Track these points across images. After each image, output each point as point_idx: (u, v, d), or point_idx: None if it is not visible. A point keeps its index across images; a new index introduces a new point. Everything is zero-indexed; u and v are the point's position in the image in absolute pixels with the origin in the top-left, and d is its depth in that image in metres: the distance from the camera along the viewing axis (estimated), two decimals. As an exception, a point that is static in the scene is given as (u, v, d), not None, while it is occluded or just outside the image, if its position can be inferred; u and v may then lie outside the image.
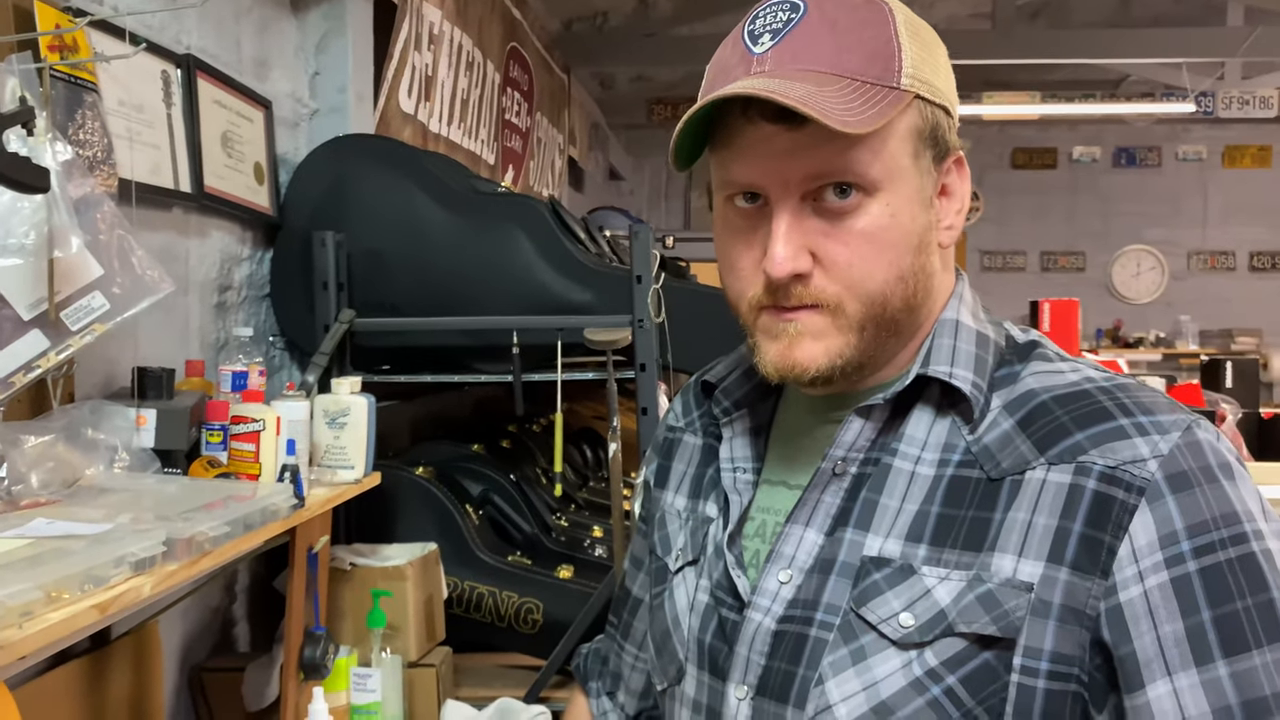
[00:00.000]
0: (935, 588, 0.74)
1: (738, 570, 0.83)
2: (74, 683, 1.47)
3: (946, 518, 0.75)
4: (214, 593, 1.96)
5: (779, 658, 0.78)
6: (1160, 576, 0.70)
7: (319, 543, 1.60)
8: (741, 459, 0.88)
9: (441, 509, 2.10)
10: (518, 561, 2.12)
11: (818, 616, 0.77)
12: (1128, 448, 0.72)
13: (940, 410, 0.79)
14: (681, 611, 0.88)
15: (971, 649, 0.72)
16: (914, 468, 0.78)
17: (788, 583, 0.79)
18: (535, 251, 2.01)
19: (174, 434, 1.44)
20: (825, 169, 0.74)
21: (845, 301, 0.77)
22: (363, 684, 1.66)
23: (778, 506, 0.84)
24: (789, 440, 0.87)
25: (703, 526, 0.89)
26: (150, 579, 1.08)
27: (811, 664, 0.76)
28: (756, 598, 0.80)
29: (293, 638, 1.57)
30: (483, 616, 2.07)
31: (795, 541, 0.80)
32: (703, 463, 0.93)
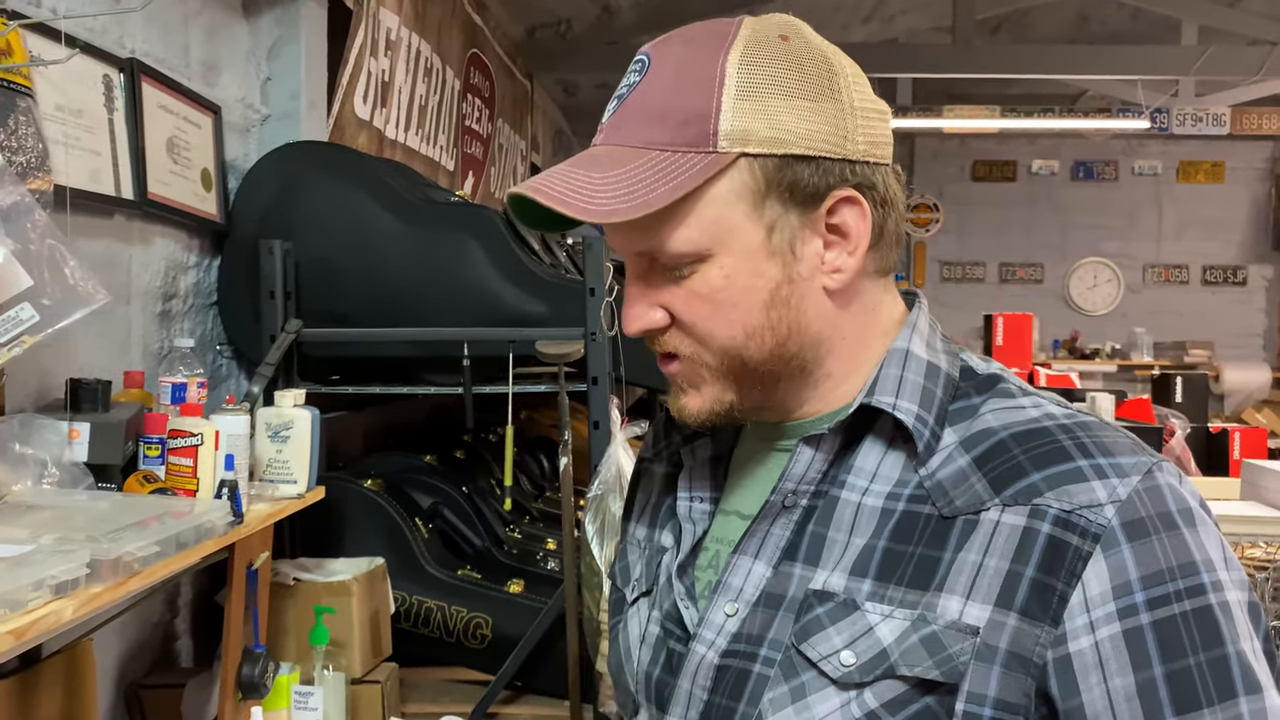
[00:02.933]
0: (878, 625, 0.72)
1: (686, 601, 0.82)
2: (2, 703, 1.42)
3: (894, 553, 0.74)
4: (154, 608, 1.91)
5: (720, 693, 0.76)
6: (1112, 628, 0.68)
7: (259, 559, 1.57)
8: (699, 487, 0.87)
9: (390, 522, 2.07)
10: (467, 575, 2.10)
11: (761, 652, 0.75)
12: (1084, 491, 0.70)
13: (892, 443, 0.78)
14: (633, 643, 0.87)
15: (912, 693, 0.71)
16: (861, 499, 0.76)
17: (733, 615, 0.78)
18: (488, 262, 1.99)
19: (108, 448, 1.40)
20: (638, 247, 0.77)
21: (700, 354, 0.77)
22: (304, 702, 1.62)
23: (730, 537, 0.82)
24: (745, 469, 0.86)
25: (657, 556, 0.88)
26: (72, 602, 1.05)
27: (752, 700, 0.74)
28: (702, 630, 0.79)
29: (230, 656, 1.53)
30: (431, 631, 2.04)
31: (743, 573, 0.79)
32: (663, 491, 0.92)
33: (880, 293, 0.82)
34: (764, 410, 0.81)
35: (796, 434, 0.80)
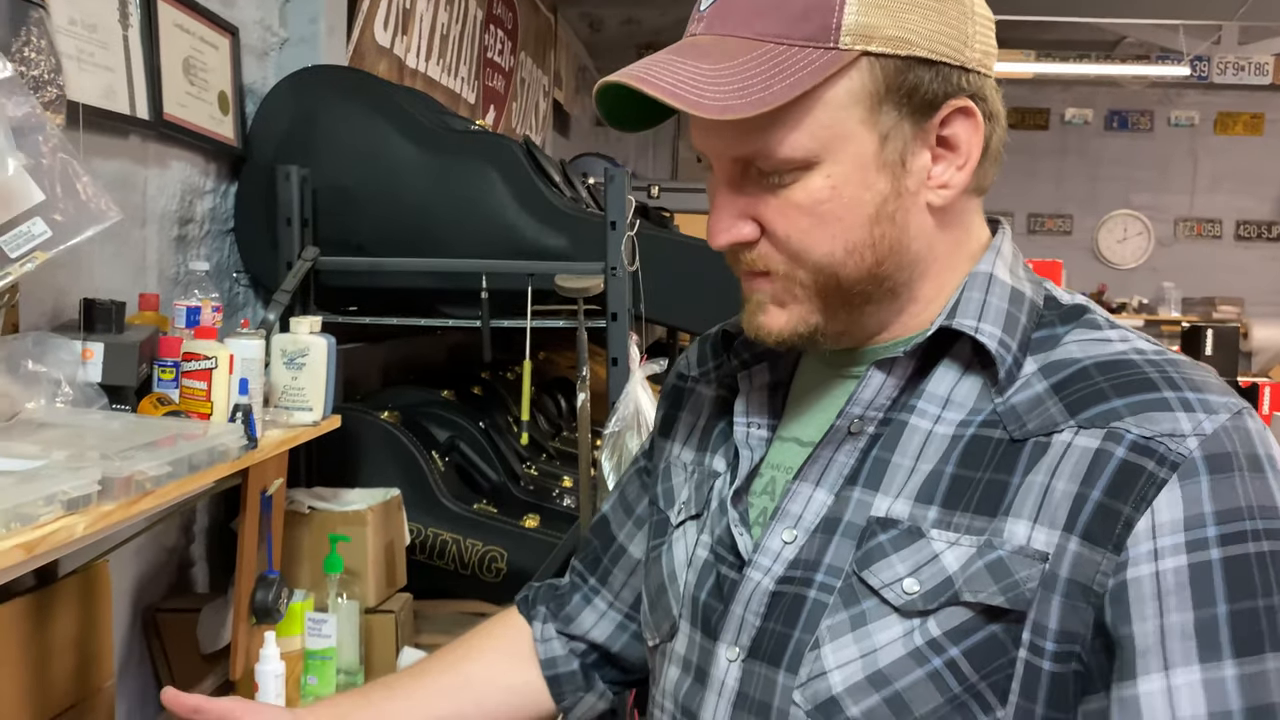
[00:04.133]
0: (943, 553, 0.69)
1: (741, 528, 0.79)
2: (17, 621, 1.43)
3: (961, 479, 0.71)
4: (170, 533, 1.92)
5: (774, 619, 0.74)
6: (1178, 560, 0.64)
7: (273, 485, 1.56)
8: (756, 413, 0.84)
9: (406, 454, 2.06)
10: (483, 509, 2.09)
11: (818, 578, 0.73)
12: (1168, 420, 0.66)
13: (968, 368, 0.74)
14: (679, 566, 0.85)
15: (977, 620, 0.68)
16: (932, 426, 0.73)
17: (791, 543, 0.76)
18: (508, 193, 1.95)
19: (122, 369, 1.39)
20: (738, 150, 0.72)
21: (794, 271, 0.74)
22: (318, 629, 1.63)
23: (789, 464, 0.80)
24: (806, 396, 0.83)
25: (708, 480, 0.86)
26: (84, 519, 1.04)
27: (808, 627, 0.72)
28: (758, 556, 0.77)
29: (244, 581, 1.53)
30: (445, 564, 2.04)
31: (803, 500, 0.76)
32: (714, 415, 0.90)
33: (973, 214, 0.78)
34: (842, 336, 0.78)
35: (867, 360, 0.77)
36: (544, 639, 1.02)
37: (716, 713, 0.77)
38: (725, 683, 0.77)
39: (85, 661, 1.59)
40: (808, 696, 0.71)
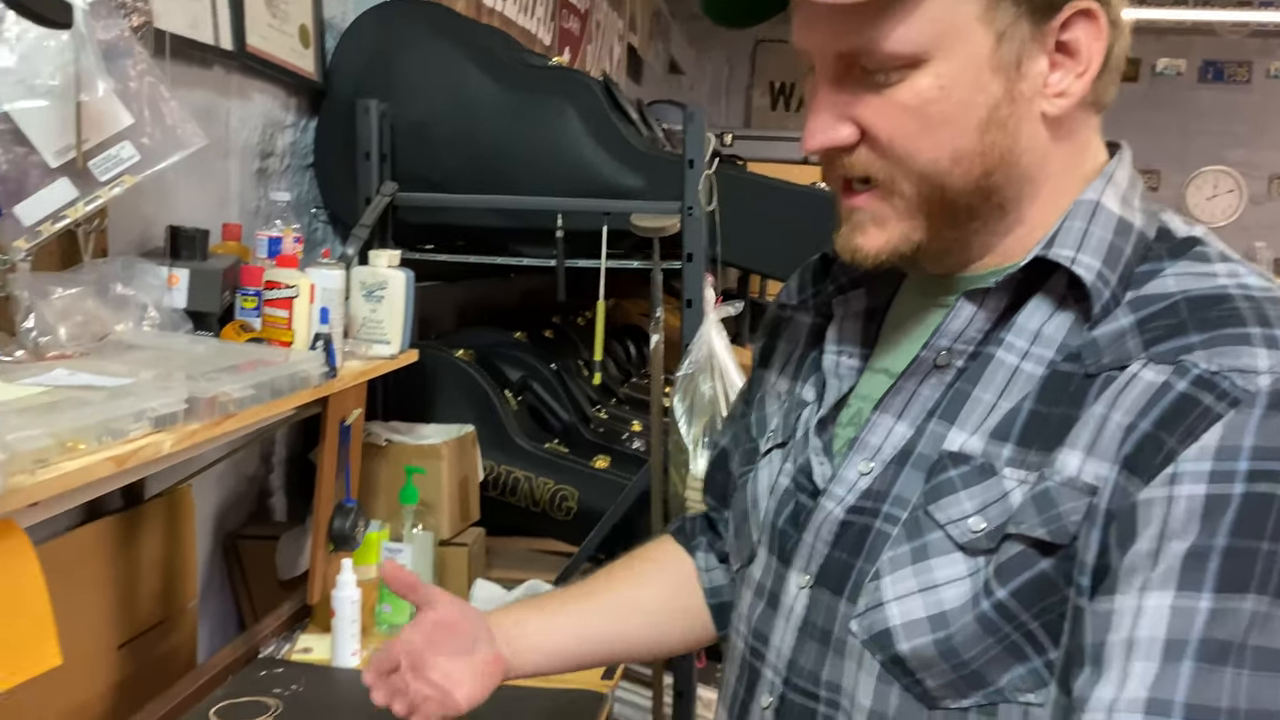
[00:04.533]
0: (1013, 491, 0.66)
1: (821, 457, 0.78)
2: (105, 539, 1.48)
3: (1037, 416, 0.67)
4: (250, 461, 1.96)
5: (841, 548, 0.73)
6: (1196, 488, 0.59)
7: (351, 415, 1.58)
8: (849, 341, 0.82)
9: (480, 392, 2.07)
10: (554, 449, 2.10)
11: (885, 509, 0.72)
12: (1245, 355, 0.61)
13: (1062, 303, 0.70)
14: (761, 494, 0.84)
15: (1027, 556, 0.65)
16: (1019, 362, 0.69)
17: (867, 474, 0.74)
18: (585, 130, 1.92)
19: (206, 295, 1.41)
20: (842, 45, 0.68)
21: (897, 180, 0.70)
22: (393, 558, 1.65)
23: (875, 395, 0.77)
24: (900, 325, 0.80)
25: (797, 410, 0.84)
26: (170, 436, 1.05)
27: (870, 557, 0.71)
28: (833, 486, 0.76)
29: (322, 509, 1.56)
30: (518, 501, 2.06)
31: (883, 432, 0.74)
32: (808, 343, 0.88)
33: (1090, 131, 0.74)
34: (945, 256, 0.74)
35: (961, 289, 0.73)
36: (707, 569, 1.02)
37: (784, 638, 0.77)
38: (794, 609, 0.76)
39: (170, 582, 1.63)
40: (864, 626, 0.70)
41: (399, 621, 1.66)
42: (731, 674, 0.84)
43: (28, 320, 1.18)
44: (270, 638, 1.59)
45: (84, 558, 1.44)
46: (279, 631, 1.61)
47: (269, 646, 1.57)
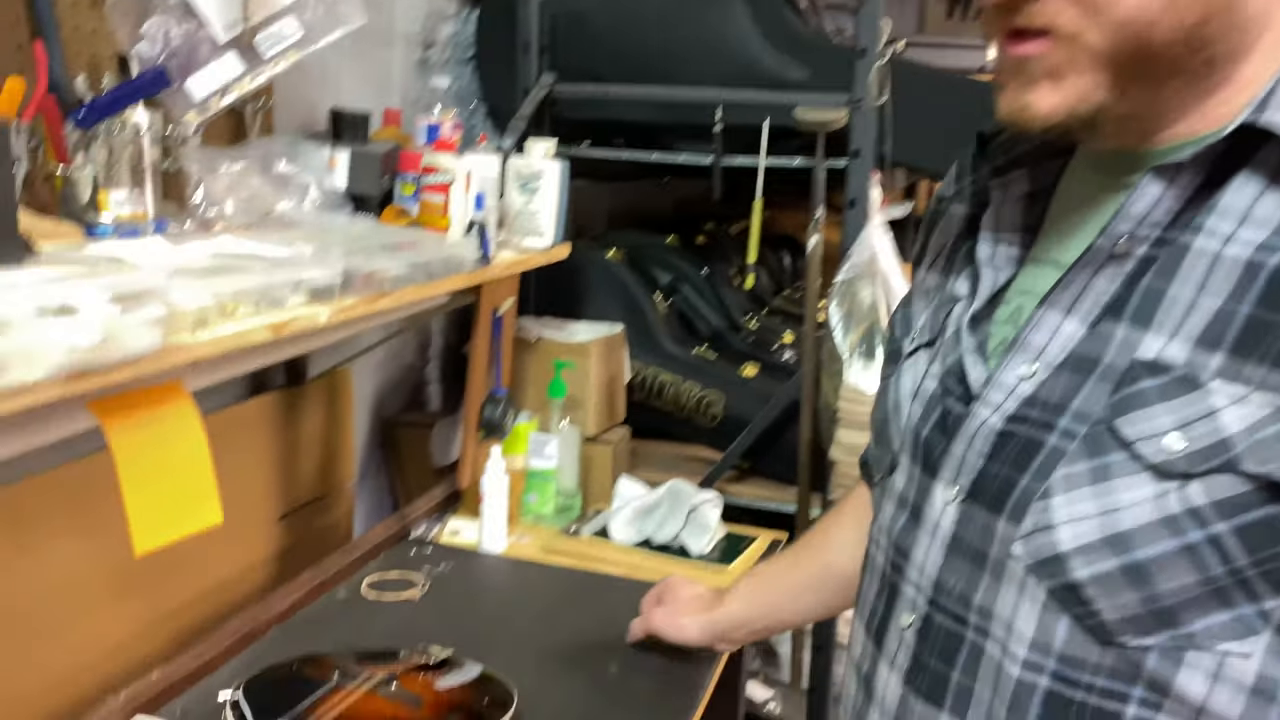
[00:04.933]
0: (1224, 409, 0.57)
1: (974, 358, 0.70)
2: (269, 413, 1.53)
3: (1259, 322, 0.57)
4: (408, 352, 2.01)
5: (1000, 461, 0.66)
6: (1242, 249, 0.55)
7: (504, 305, 1.58)
8: (1007, 228, 0.72)
9: (629, 294, 2.04)
10: (702, 355, 2.06)
11: (1059, 422, 0.63)
12: None
13: (1276, 179, 0.59)
14: (904, 397, 0.77)
15: (1257, 495, 0.56)
16: (1221, 248, 0.59)
17: (1029, 378, 0.66)
18: (750, 17, 1.83)
19: (367, 178, 1.42)
20: None
21: (1084, 31, 0.59)
22: (541, 449, 1.66)
23: (1039, 289, 0.68)
24: (1069, 208, 0.70)
25: (947, 306, 0.76)
26: (327, 309, 1.06)
27: (1039, 475, 0.63)
28: (988, 391, 0.68)
29: (474, 396, 1.57)
30: (664, 404, 2.04)
31: (1048, 331, 0.66)
32: (962, 234, 0.79)
33: None
34: (1129, 124, 0.63)
35: (1148, 164, 0.63)
36: None
37: (929, 554, 0.70)
38: (940, 524, 0.70)
39: (329, 460, 1.70)
40: (1030, 550, 0.63)
41: (544, 511, 1.68)
42: (870, 589, 0.78)
43: (197, 193, 1.21)
44: (421, 519, 1.63)
45: (249, 429, 1.50)
46: (430, 514, 1.66)
47: (420, 527, 1.61)
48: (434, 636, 1.26)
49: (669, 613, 1.21)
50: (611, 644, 1.28)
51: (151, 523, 1.00)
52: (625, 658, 1.25)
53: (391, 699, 0.99)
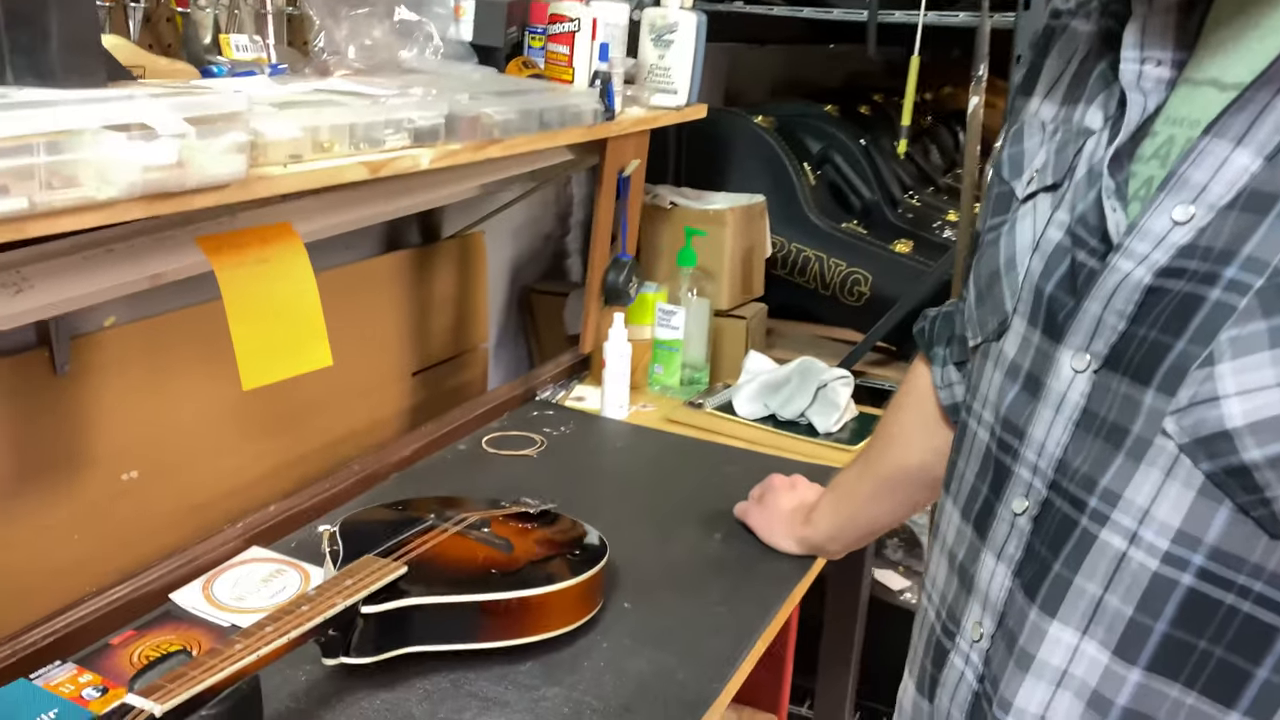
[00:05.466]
0: None
1: (1114, 201, 0.60)
2: (403, 268, 1.55)
3: None
4: (547, 221, 1.99)
5: (1148, 323, 0.56)
6: None
7: (630, 166, 1.52)
8: (1155, 44, 0.61)
9: (776, 162, 1.94)
10: (852, 229, 1.95)
11: (1226, 273, 0.53)
12: None
13: None
14: (1021, 250, 0.67)
15: None
16: None
17: (1186, 223, 0.55)
18: None
19: (492, 28, 1.37)
20: None
21: None
22: (667, 320, 1.62)
23: (1197, 116, 0.58)
24: (1235, 18, 0.59)
25: (1076, 140, 0.65)
26: (430, 152, 1.04)
27: (1200, 337, 0.53)
28: (1132, 241, 0.57)
29: (597, 259, 1.54)
30: (806, 281, 1.95)
31: (1212, 165, 0.55)
32: (1092, 55, 0.67)
33: None
34: None
35: None
36: (945, 384, 0.89)
37: (1051, 431, 0.61)
38: (1068, 397, 0.60)
39: (463, 321, 1.71)
40: (1186, 426, 0.53)
41: (669, 383, 1.65)
42: (969, 468, 0.69)
43: (318, 39, 1.20)
44: (548, 383, 1.63)
45: (383, 284, 1.52)
46: (558, 379, 1.66)
47: (546, 391, 1.62)
48: (543, 492, 1.26)
49: (766, 521, 1.19)
50: (719, 515, 1.24)
51: (259, 359, 1.02)
52: (731, 529, 1.22)
53: (480, 541, 0.99)
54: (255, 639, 0.76)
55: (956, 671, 0.67)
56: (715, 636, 1.00)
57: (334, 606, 0.82)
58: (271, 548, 1.12)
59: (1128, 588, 0.56)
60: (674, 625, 1.02)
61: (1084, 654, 0.58)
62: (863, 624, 1.58)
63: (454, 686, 0.91)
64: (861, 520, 1.09)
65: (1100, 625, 0.57)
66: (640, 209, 1.63)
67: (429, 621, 0.88)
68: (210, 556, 1.07)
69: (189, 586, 1.03)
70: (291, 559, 1.10)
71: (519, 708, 0.88)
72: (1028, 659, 0.61)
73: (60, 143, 0.67)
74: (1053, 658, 0.59)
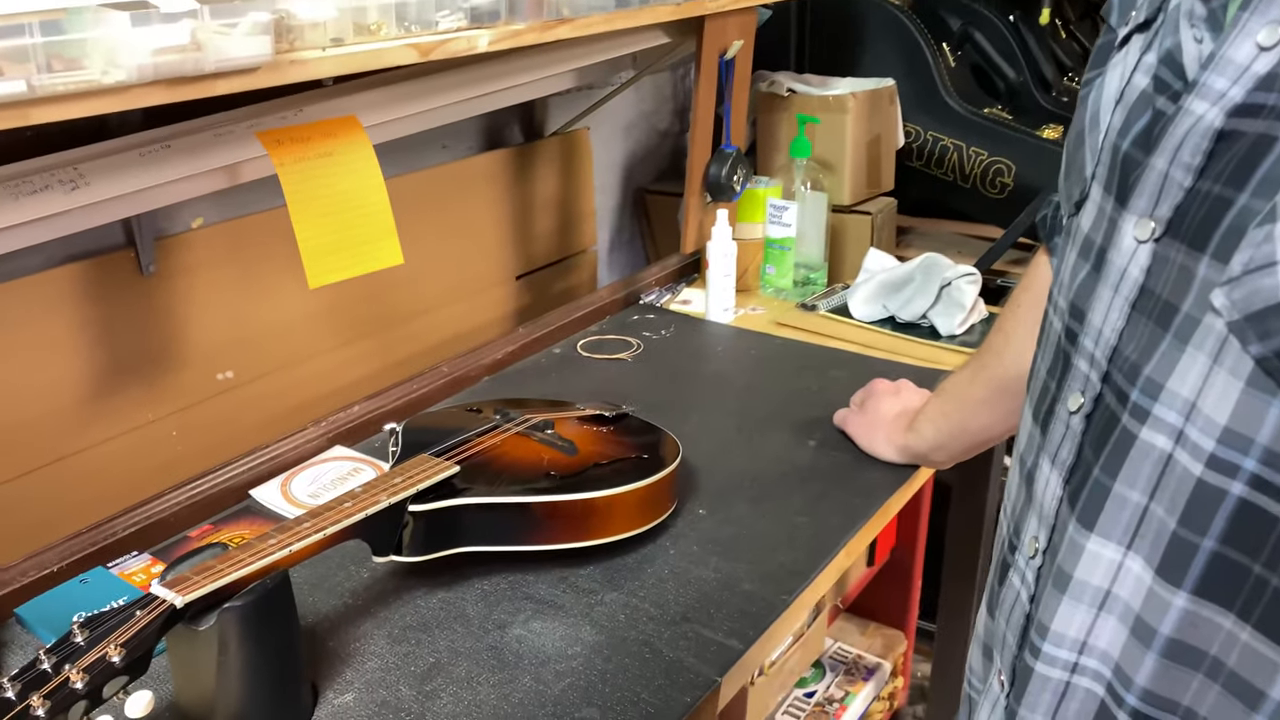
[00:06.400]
0: None
1: (1200, 30, 0.49)
2: (503, 167, 1.52)
3: None
4: (662, 115, 1.91)
5: (1215, 175, 0.45)
6: None
7: (732, 48, 1.41)
8: None
9: (910, 42, 1.78)
10: (995, 115, 1.77)
11: None
12: None
13: None
14: (1105, 104, 0.56)
15: None
16: None
17: (1270, 48, 0.44)
18: None
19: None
20: None
21: None
22: (779, 217, 1.52)
23: None
24: None
25: None
26: (489, 33, 0.98)
27: (1265, 189, 0.42)
28: (1210, 75, 0.46)
29: (697, 153, 1.45)
30: (943, 173, 1.80)
31: None
32: None
33: None
34: None
35: None
36: None
37: (1109, 315, 0.51)
38: (1128, 272, 0.50)
39: (569, 222, 1.67)
40: (1236, 300, 0.42)
41: (783, 284, 1.55)
42: (1043, 363, 0.59)
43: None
44: (653, 287, 1.57)
45: (481, 184, 1.49)
46: (664, 282, 1.59)
47: (651, 294, 1.56)
48: (630, 395, 1.21)
49: (866, 428, 1.11)
50: (817, 422, 1.16)
51: (325, 257, 1.01)
52: (827, 436, 1.14)
53: (543, 442, 0.95)
54: (290, 534, 0.75)
55: (1014, 590, 0.58)
56: (791, 549, 0.94)
57: (376, 504, 0.80)
58: (355, 448, 1.12)
59: (1172, 496, 0.46)
60: (748, 535, 0.96)
61: (1128, 572, 0.49)
62: (990, 536, 1.47)
63: (511, 588, 0.88)
64: (972, 429, 0.99)
65: (1145, 539, 0.47)
66: (747, 96, 1.52)
67: (479, 522, 0.86)
68: (293, 454, 1.08)
69: (269, 483, 1.04)
70: (371, 459, 1.09)
71: (573, 612, 0.85)
72: (1065, 579, 0.52)
73: (58, 23, 0.65)
74: (1092, 576, 0.50)
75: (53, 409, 1.04)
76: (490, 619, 0.85)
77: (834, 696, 1.54)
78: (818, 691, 1.54)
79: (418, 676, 0.78)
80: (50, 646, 0.62)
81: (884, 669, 1.60)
